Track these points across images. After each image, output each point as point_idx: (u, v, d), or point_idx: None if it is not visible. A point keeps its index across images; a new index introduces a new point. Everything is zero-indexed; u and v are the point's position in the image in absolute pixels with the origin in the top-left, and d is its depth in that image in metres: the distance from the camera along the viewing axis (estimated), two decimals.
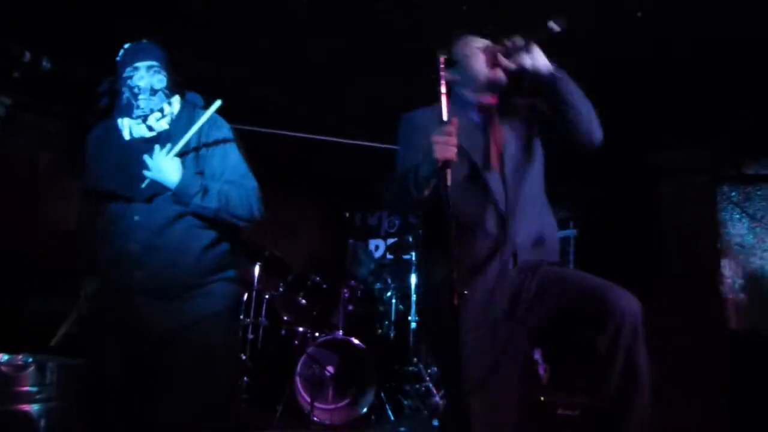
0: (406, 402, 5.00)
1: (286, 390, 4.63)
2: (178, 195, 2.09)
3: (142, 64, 2.17)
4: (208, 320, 2.14)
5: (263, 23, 3.31)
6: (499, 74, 2.09)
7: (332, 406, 4.76)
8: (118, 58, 2.23)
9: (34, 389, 1.85)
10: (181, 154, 2.13)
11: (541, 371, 4.10)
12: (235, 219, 2.20)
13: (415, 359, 5.50)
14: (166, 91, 2.20)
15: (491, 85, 2.13)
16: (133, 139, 2.19)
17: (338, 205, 5.91)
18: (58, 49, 2.64)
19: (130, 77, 2.17)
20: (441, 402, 5.13)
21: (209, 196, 2.11)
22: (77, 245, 2.44)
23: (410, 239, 5.88)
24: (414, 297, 5.38)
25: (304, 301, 5.23)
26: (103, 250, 2.18)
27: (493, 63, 2.08)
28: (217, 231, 2.21)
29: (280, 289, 5.42)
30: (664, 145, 4.53)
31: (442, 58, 1.95)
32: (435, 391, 5.26)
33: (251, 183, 2.29)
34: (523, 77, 2.03)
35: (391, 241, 6.60)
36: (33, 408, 1.84)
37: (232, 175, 2.24)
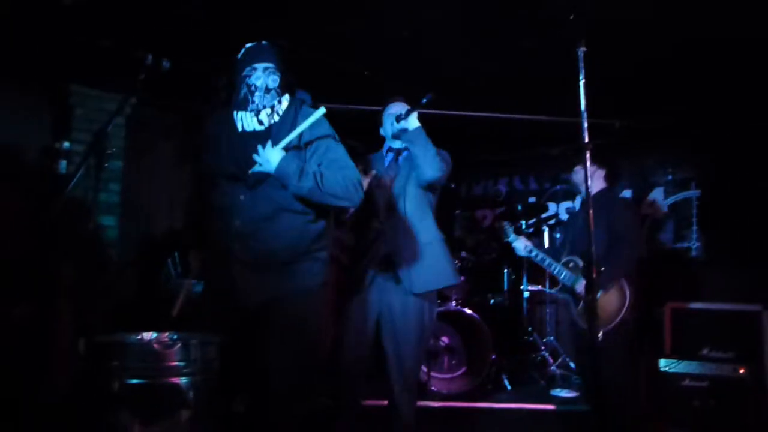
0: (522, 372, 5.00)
1: None
2: (279, 177, 2.28)
3: (259, 65, 2.39)
4: (298, 295, 2.35)
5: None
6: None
7: (449, 376, 4.84)
8: (239, 57, 2.45)
9: (181, 364, 2.02)
10: (286, 149, 2.33)
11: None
12: (330, 198, 2.33)
13: (530, 328, 5.46)
14: (279, 90, 2.41)
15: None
16: (244, 132, 2.42)
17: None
18: (173, 49, 2.81)
19: (249, 76, 2.39)
20: (557, 372, 5.07)
21: (305, 177, 2.28)
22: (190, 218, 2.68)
23: (519, 207, 5.79)
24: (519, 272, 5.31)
25: None
26: (211, 222, 2.47)
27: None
28: (312, 216, 2.40)
29: None
30: None
31: (582, 50, 2.18)
32: (551, 360, 5.21)
33: (351, 172, 2.42)
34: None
35: (499, 210, 6.53)
36: (182, 381, 2.01)
37: (332, 164, 2.40)
